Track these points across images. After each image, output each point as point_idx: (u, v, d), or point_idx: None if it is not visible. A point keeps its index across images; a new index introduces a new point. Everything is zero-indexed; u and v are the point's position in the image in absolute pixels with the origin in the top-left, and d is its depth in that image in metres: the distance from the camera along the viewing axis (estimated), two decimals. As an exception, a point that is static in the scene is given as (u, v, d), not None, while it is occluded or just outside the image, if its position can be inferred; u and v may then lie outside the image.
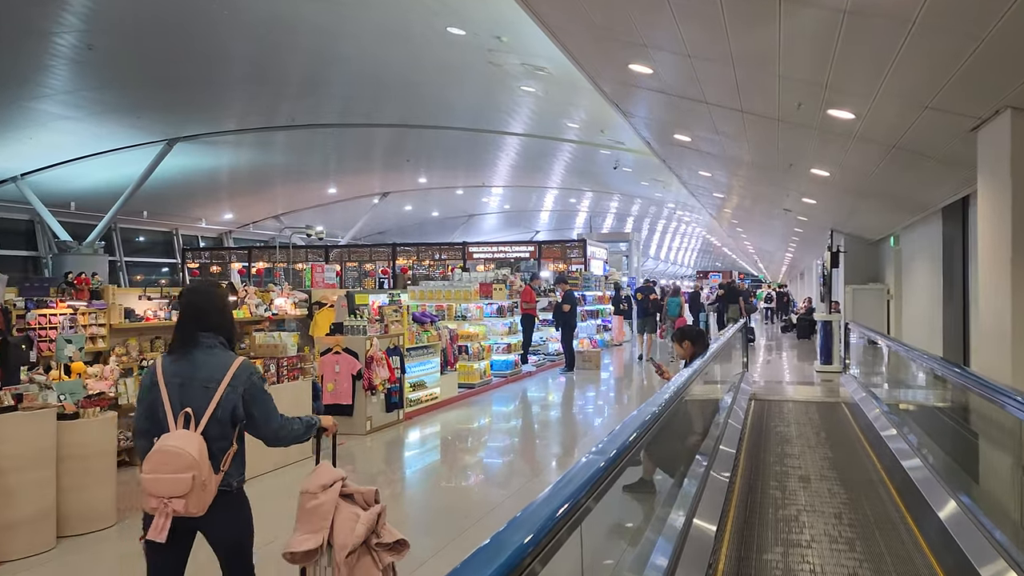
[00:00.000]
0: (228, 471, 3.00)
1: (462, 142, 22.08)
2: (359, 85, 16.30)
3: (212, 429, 2.97)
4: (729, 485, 5.26)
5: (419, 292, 12.35)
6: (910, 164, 7.28)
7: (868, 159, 7.66)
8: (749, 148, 8.97)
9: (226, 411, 3.00)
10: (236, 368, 3.06)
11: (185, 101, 17.41)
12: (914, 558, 4.38)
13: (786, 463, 6.48)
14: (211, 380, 3.01)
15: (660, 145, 11.52)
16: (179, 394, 2.99)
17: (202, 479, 2.84)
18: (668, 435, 4.73)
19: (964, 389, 4.90)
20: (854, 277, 15.24)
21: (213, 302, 3.22)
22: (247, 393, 3.06)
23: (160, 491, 2.83)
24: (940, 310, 10.17)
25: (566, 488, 2.15)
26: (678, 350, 5.96)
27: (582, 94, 13.02)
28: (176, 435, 2.90)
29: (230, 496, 3.02)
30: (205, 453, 2.89)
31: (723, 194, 15.62)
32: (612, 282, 23.08)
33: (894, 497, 5.38)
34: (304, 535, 3.00)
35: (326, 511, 3.04)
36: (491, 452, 8.74)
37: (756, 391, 10.96)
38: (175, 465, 2.82)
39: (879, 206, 10.86)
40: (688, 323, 22.39)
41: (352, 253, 28.26)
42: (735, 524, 5.02)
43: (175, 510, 2.83)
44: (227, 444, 3.02)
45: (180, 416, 2.94)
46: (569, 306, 14.84)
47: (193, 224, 31.26)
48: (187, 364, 3.05)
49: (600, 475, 2.39)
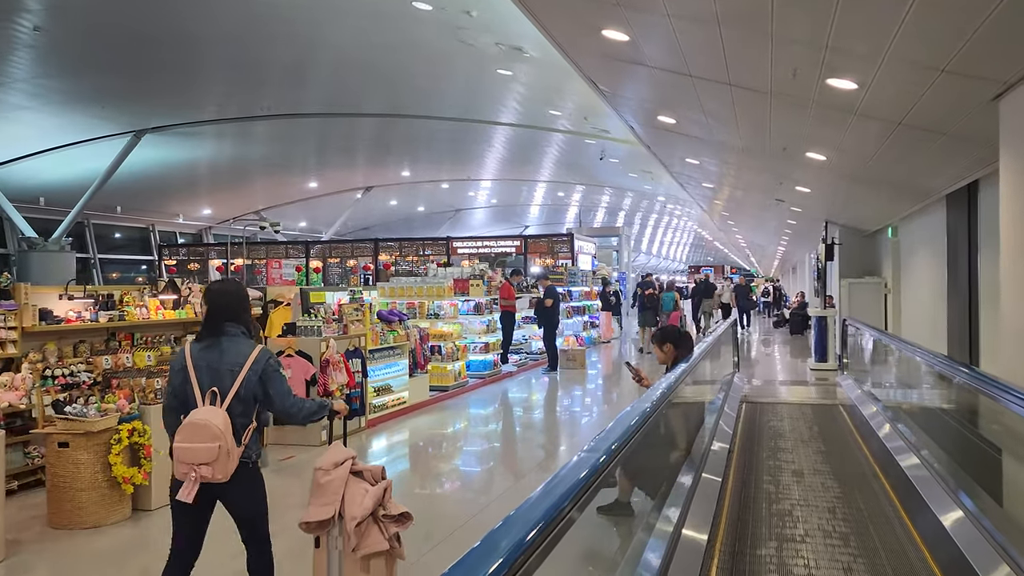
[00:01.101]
0: (248, 445, 3.42)
1: (446, 133, 21.32)
2: (339, 72, 15.48)
3: (235, 407, 3.39)
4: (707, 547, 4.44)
5: (389, 289, 11.59)
6: (916, 144, 6.57)
7: (869, 140, 6.95)
8: (739, 130, 8.24)
9: (248, 391, 3.42)
10: (256, 354, 3.48)
11: (152, 90, 16.51)
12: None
13: (782, 498, 5.77)
14: (235, 364, 3.43)
15: (644, 130, 10.79)
16: (207, 376, 3.41)
17: (227, 449, 3.26)
18: (646, 452, 4.03)
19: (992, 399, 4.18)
20: (849, 271, 14.56)
21: (237, 298, 3.65)
22: (264, 375, 3.45)
23: (190, 458, 3.24)
24: (944, 305, 9.48)
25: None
26: (658, 354, 5.25)
27: (561, 78, 12.28)
28: (204, 410, 3.31)
29: (248, 468, 3.44)
30: (229, 426, 3.30)
31: (713, 184, 14.90)
32: (600, 277, 22.39)
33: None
34: (318, 507, 3.34)
35: (337, 486, 3.36)
36: (464, 459, 8.12)
37: (748, 393, 10.25)
38: (204, 436, 3.23)
39: (878, 194, 10.17)
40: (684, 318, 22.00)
41: (334, 249, 27.51)
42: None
43: (203, 476, 3.24)
44: (248, 420, 3.43)
45: (207, 394, 3.36)
46: (551, 301, 14.12)
47: (170, 220, 30.40)
48: (214, 350, 3.46)
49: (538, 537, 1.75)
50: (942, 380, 5.51)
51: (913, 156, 7.17)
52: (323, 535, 3.37)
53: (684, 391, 4.81)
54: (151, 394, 5.70)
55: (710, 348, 6.01)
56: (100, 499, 5.28)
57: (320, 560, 3.38)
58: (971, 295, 8.93)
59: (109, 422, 5.27)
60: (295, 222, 36.73)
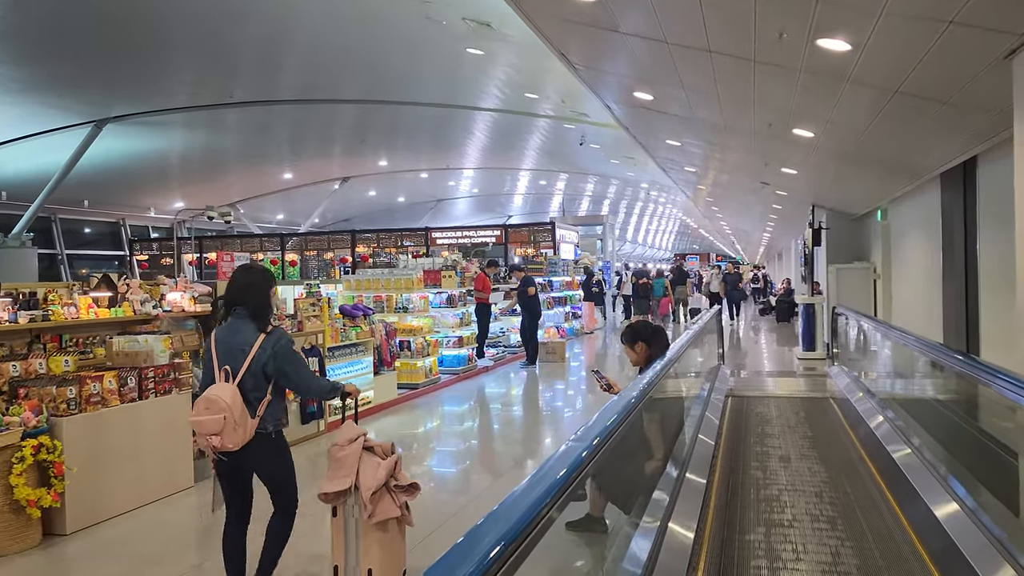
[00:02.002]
0: (263, 417, 3.64)
1: (423, 120, 20.62)
2: (311, 56, 14.72)
3: (247, 382, 3.63)
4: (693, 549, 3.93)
5: (355, 282, 10.95)
6: (913, 115, 6.01)
7: (861, 112, 6.38)
8: (721, 106, 7.66)
9: (258, 368, 3.65)
10: (263, 338, 3.69)
11: (113, 78, 15.64)
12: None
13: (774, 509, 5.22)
14: (245, 344, 3.67)
15: (622, 109, 10.19)
16: (222, 355, 3.68)
17: (232, 420, 3.50)
18: (612, 471, 3.49)
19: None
20: (837, 256, 14.06)
21: (251, 280, 3.88)
22: (277, 355, 3.68)
23: (200, 429, 3.55)
24: (939, 291, 8.98)
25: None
26: (630, 354, 4.66)
27: (535, 58, 11.64)
28: (217, 386, 3.59)
29: (267, 438, 3.69)
30: (238, 400, 3.55)
31: (696, 168, 14.32)
32: (582, 266, 21.82)
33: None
34: (336, 479, 3.61)
35: (352, 460, 3.64)
36: (438, 460, 7.63)
37: (734, 386, 9.71)
38: (212, 408, 3.51)
39: (868, 174, 9.63)
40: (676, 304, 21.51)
41: (310, 241, 26.83)
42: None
43: (213, 445, 3.54)
44: (261, 395, 3.66)
45: (221, 372, 3.63)
46: (534, 289, 13.54)
47: (142, 214, 29.53)
48: (228, 332, 3.75)
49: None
50: (948, 374, 4.96)
51: (908, 130, 6.61)
52: (340, 505, 3.72)
53: (660, 393, 4.25)
54: (63, 404, 5.06)
55: (691, 343, 5.43)
56: (2, 526, 4.65)
57: (338, 528, 3.74)
58: (967, 279, 8.42)
59: (9, 438, 4.64)
60: (273, 214, 35.96)
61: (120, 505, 5.43)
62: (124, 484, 5.48)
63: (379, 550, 3.67)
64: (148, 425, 5.69)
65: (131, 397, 5.58)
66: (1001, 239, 6.99)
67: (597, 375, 4.70)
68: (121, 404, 5.48)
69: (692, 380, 6.41)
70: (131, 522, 5.37)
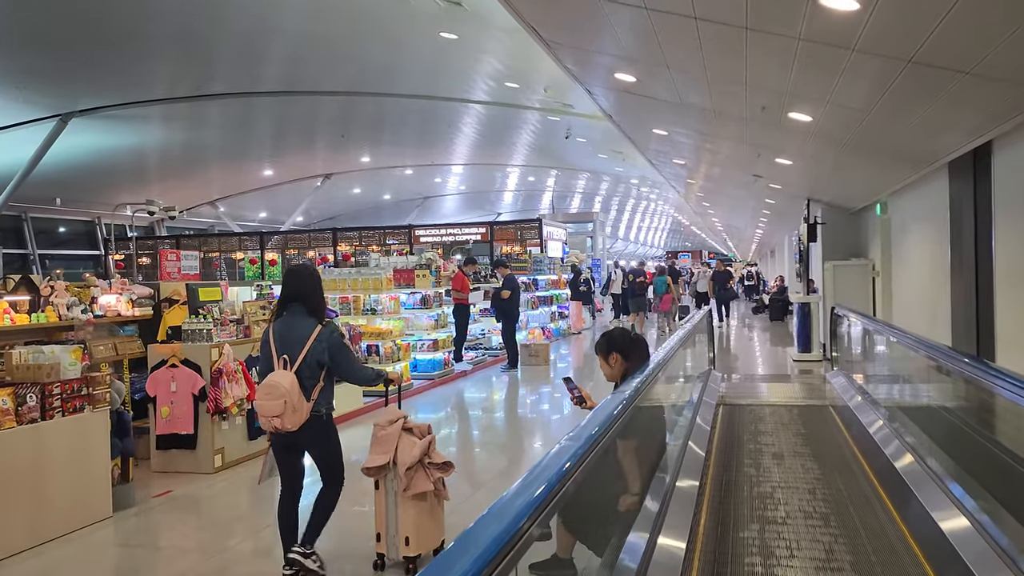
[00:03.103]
0: (317, 400, 4.12)
1: (406, 114, 19.88)
2: (289, 47, 13.93)
3: (303, 370, 4.08)
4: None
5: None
6: (926, 91, 5.32)
7: (866, 88, 5.69)
8: (709, 87, 6.95)
9: (313, 358, 4.09)
10: (320, 330, 4.14)
11: (78, 68, 14.75)
12: None
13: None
14: (302, 336, 4.12)
15: (603, 94, 9.48)
16: (281, 345, 4.14)
17: (292, 404, 3.97)
18: (590, 494, 2.83)
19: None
20: (834, 252, 13.37)
21: (305, 277, 4.36)
22: (330, 348, 4.14)
23: (264, 412, 4.01)
24: (946, 288, 8.29)
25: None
26: (604, 368, 3.95)
27: (513, 43, 10.94)
28: (277, 373, 4.05)
29: (319, 420, 4.15)
30: (296, 386, 4.00)
31: (685, 160, 13.62)
32: (570, 264, 21.12)
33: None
34: (376, 455, 4.22)
35: (392, 439, 4.22)
36: None
37: (726, 392, 9.02)
38: (273, 393, 3.98)
39: (868, 164, 8.94)
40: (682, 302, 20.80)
41: (291, 240, 26.12)
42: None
43: (275, 425, 4.01)
44: (315, 382, 4.11)
45: (280, 361, 4.10)
46: (509, 292, 12.82)
47: (119, 213, 28.69)
48: (287, 325, 4.20)
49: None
50: (977, 388, 4.27)
51: (918, 110, 5.91)
52: (381, 478, 4.21)
53: (638, 415, 3.54)
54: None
55: (675, 351, 4.71)
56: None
57: (380, 499, 4.27)
58: (978, 275, 7.74)
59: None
60: (255, 213, 35.15)
61: (16, 543, 4.68)
62: (21, 519, 4.73)
63: (416, 520, 4.19)
64: (53, 449, 4.95)
65: (31, 418, 4.83)
66: (1022, 229, 6.32)
67: (568, 385, 3.99)
68: (18, 426, 4.74)
69: (678, 392, 5.72)
70: (28, 564, 4.63)
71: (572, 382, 3.94)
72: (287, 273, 4.49)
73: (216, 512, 5.97)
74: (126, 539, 5.18)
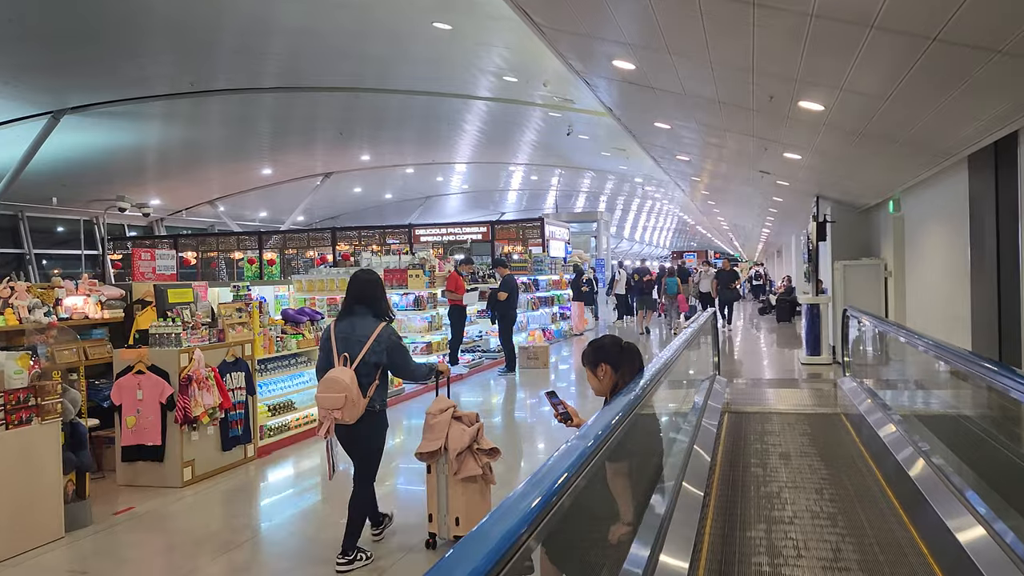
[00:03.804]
0: (372, 397, 4.40)
1: (406, 110, 19.47)
2: (288, 42, 13.53)
3: (361, 368, 4.35)
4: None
5: (307, 283, 9.77)
6: (952, 71, 4.86)
7: (886, 71, 5.23)
8: (713, 72, 6.49)
9: (371, 357, 4.38)
10: (379, 331, 4.43)
11: (70, 63, 14.36)
12: None
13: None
14: (363, 336, 4.40)
15: (601, 84, 9.02)
16: (341, 344, 4.41)
17: (351, 399, 4.24)
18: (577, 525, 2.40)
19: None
20: (843, 251, 12.88)
21: (369, 282, 4.65)
22: (389, 348, 4.43)
23: (325, 405, 4.30)
24: (966, 290, 7.82)
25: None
26: (592, 382, 3.50)
27: (509, 34, 10.51)
28: (337, 370, 4.32)
29: (374, 414, 4.44)
30: (355, 382, 4.27)
31: (689, 156, 13.14)
32: (572, 264, 20.66)
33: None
34: (429, 441, 4.51)
35: (443, 426, 4.50)
36: (404, 478, 6.69)
37: (731, 399, 8.56)
38: (334, 388, 4.26)
39: (883, 158, 8.47)
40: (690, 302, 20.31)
41: (289, 240, 25.78)
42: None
43: (336, 418, 4.29)
44: (371, 380, 4.39)
45: (341, 358, 4.36)
46: (506, 294, 12.39)
47: (117, 212, 28.38)
48: (348, 325, 4.49)
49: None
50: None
51: (942, 94, 5.44)
52: (433, 463, 4.49)
53: (632, 434, 3.10)
54: None
55: (674, 360, 4.25)
56: None
57: (431, 482, 4.54)
58: (1000, 276, 7.27)
59: None
60: (255, 212, 34.84)
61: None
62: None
63: (465, 501, 4.45)
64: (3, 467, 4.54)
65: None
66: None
67: (552, 400, 3.54)
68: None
69: (677, 407, 5.27)
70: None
71: (556, 397, 3.50)
72: (353, 278, 4.76)
73: (183, 530, 5.54)
74: (77, 562, 4.77)
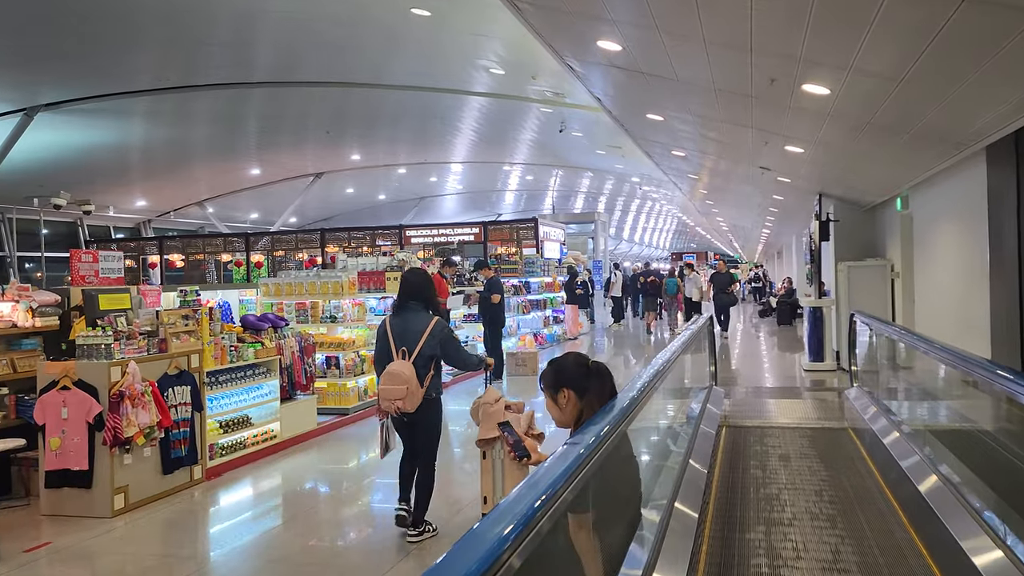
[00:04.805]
0: (428, 386, 4.74)
1: (398, 107, 18.86)
2: (274, 33, 12.91)
3: (418, 360, 4.70)
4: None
5: (274, 286, 9.12)
6: (980, 43, 4.22)
7: (904, 46, 4.59)
8: (708, 52, 5.84)
9: (427, 350, 4.74)
10: (433, 325, 4.80)
11: (44, 56, 13.71)
12: None
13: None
14: (419, 331, 4.76)
15: (586, 69, 8.37)
16: (398, 338, 4.77)
17: (412, 390, 4.60)
18: None
19: None
20: (847, 252, 12.23)
21: (423, 281, 5.06)
22: (442, 341, 4.81)
23: (388, 396, 4.66)
24: (984, 293, 7.17)
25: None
26: (551, 410, 2.83)
27: (492, 23, 9.88)
28: (397, 363, 4.68)
29: (431, 401, 4.81)
30: (414, 374, 4.64)
31: (684, 152, 12.49)
32: (566, 266, 20.00)
33: None
34: (487, 429, 4.74)
35: (499, 415, 4.72)
36: (380, 494, 6.24)
37: (729, 411, 7.92)
38: (396, 380, 4.62)
39: (892, 149, 7.83)
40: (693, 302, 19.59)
41: (277, 241, 25.20)
42: None
43: (398, 407, 4.65)
44: (427, 371, 4.75)
45: (399, 352, 4.72)
46: (499, 296, 11.78)
47: (101, 213, 27.74)
48: (404, 320, 4.86)
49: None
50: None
51: (965, 73, 4.79)
52: (489, 449, 4.82)
53: (602, 480, 2.45)
54: None
55: (660, 377, 3.56)
56: None
57: (487, 467, 4.88)
58: (1022, 278, 6.64)
59: None
60: (246, 213, 34.19)
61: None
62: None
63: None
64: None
65: None
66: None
67: (505, 430, 2.87)
68: None
69: (660, 435, 4.63)
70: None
71: (510, 428, 2.84)
72: (405, 276, 5.14)
73: (108, 568, 4.89)
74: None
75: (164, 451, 5.87)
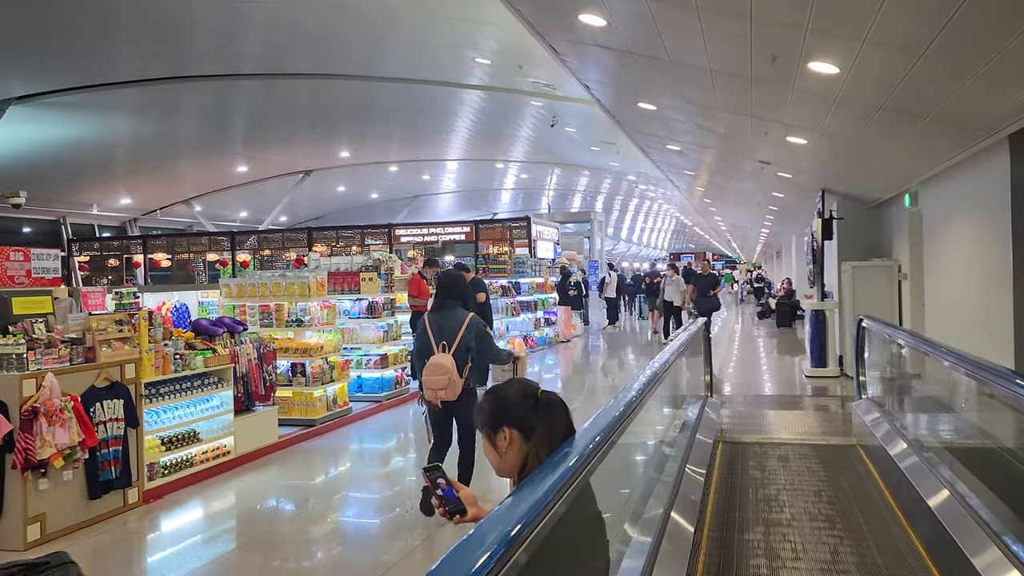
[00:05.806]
0: (467, 377, 5.07)
1: (387, 101, 18.21)
2: (260, 23, 12.29)
3: (457, 353, 5.02)
4: None
5: (236, 288, 8.46)
6: (1014, 4, 3.58)
7: (923, 17, 3.95)
8: (701, 24, 5.19)
9: (464, 343, 5.07)
10: (469, 321, 5.14)
11: (13, 45, 13.05)
12: None
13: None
14: (456, 326, 5.09)
15: (570, 50, 7.72)
16: (438, 333, 5.10)
17: (453, 380, 4.93)
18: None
19: None
20: (851, 251, 11.59)
21: (458, 280, 5.58)
22: (477, 336, 5.12)
23: (432, 386, 4.93)
24: (1008, 298, 6.52)
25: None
26: (489, 454, 2.14)
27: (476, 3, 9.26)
28: (439, 356, 4.99)
29: (469, 391, 5.10)
30: (454, 366, 4.95)
31: (680, 146, 11.84)
32: (559, 266, 19.35)
33: None
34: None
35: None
36: (352, 509, 6.21)
37: (726, 425, 7.27)
38: (438, 371, 4.92)
39: (903, 140, 7.19)
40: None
41: (264, 241, 24.59)
42: None
43: (441, 396, 4.93)
44: (465, 362, 5.06)
45: (440, 346, 5.04)
46: (484, 296, 11.12)
47: (84, 211, 27.10)
48: (442, 316, 5.18)
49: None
50: None
51: (996, 42, 4.16)
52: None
53: (556, 544, 1.81)
54: None
55: (634, 407, 2.88)
56: None
57: None
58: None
59: None
60: (235, 212, 33.52)
61: None
62: None
63: None
64: None
65: None
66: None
67: (432, 476, 2.19)
68: None
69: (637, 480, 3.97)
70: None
71: (440, 472, 2.18)
72: (443, 276, 5.77)
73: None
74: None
75: (90, 473, 5.21)
